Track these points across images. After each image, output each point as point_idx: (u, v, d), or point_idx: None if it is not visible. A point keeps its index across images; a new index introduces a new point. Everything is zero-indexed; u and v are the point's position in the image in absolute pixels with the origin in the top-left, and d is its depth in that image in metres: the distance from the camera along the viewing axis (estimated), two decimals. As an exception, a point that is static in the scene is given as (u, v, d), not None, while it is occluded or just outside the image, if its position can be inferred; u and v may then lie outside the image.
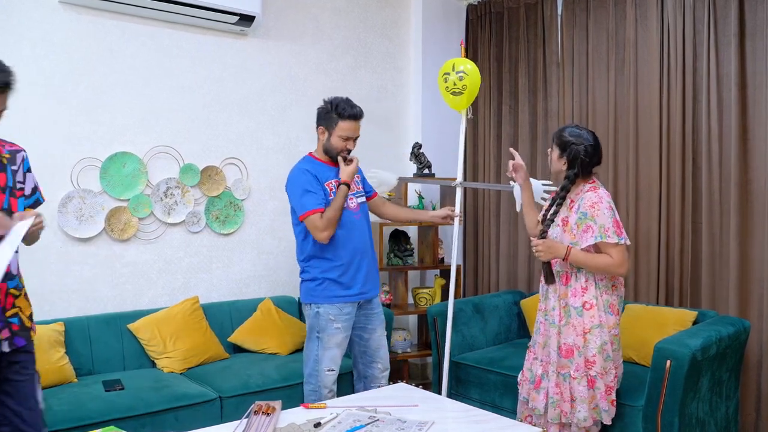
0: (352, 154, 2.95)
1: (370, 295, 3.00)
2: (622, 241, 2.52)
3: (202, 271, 3.81)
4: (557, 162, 2.66)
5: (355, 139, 2.95)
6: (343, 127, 2.88)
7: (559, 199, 2.65)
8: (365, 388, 3.03)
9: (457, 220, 3.22)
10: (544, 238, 2.65)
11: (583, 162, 2.59)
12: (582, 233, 2.56)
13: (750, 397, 3.37)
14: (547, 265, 2.68)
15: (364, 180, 3.17)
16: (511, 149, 2.97)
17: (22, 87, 3.23)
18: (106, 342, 3.33)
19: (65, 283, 3.37)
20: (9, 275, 2.14)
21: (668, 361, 2.71)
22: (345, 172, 2.86)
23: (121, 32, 3.51)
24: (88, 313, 3.41)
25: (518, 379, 2.89)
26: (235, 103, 3.91)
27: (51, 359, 3.00)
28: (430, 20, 4.69)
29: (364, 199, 3.06)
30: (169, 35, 3.66)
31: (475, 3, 4.79)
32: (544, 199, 2.86)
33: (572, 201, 2.65)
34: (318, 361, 2.90)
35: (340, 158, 2.90)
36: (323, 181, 2.89)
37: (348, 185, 2.83)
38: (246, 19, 3.70)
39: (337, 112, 2.87)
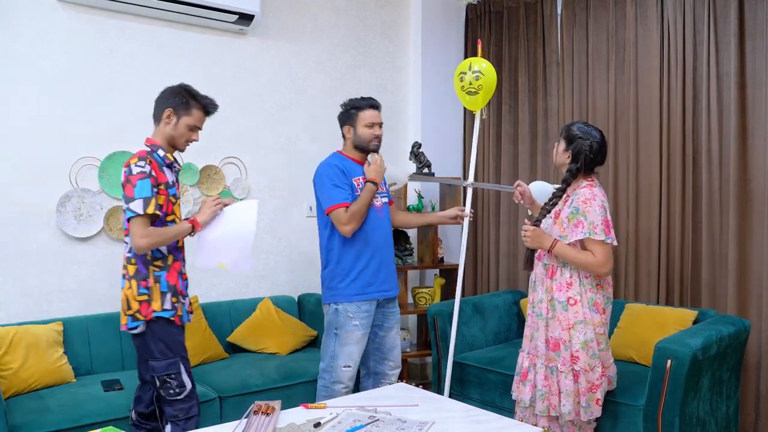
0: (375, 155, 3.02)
1: (389, 294, 3.04)
2: (608, 241, 2.54)
3: (200, 271, 3.79)
4: (562, 155, 2.68)
5: (380, 125, 3.05)
6: (365, 116, 3.00)
7: (560, 192, 2.68)
8: (374, 385, 3.05)
9: (466, 220, 3.21)
10: (537, 226, 2.69)
11: (587, 158, 2.61)
12: (572, 228, 2.58)
13: (750, 397, 3.36)
14: (530, 252, 2.75)
15: (385, 185, 3.20)
16: (518, 184, 2.97)
17: (20, 86, 3.24)
18: (104, 342, 3.32)
19: (64, 283, 3.36)
20: (184, 259, 2.62)
21: (669, 361, 2.71)
22: (371, 171, 2.94)
23: (120, 31, 3.51)
24: (87, 313, 3.40)
25: None
26: (234, 103, 3.90)
27: (49, 359, 3.00)
28: (429, 19, 4.69)
29: (387, 200, 3.12)
30: (168, 34, 3.66)
31: (475, 2, 4.79)
32: None
33: (568, 195, 2.68)
34: (334, 357, 2.94)
35: (367, 160, 3.00)
36: (351, 177, 2.96)
37: (375, 183, 2.91)
38: (245, 18, 3.70)
39: (355, 107, 3.01)
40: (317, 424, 2.14)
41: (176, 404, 2.45)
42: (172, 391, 2.44)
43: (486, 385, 3.45)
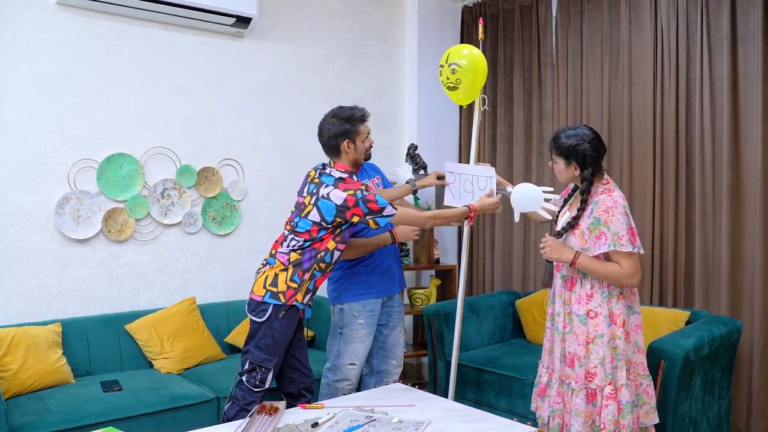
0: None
1: (394, 291, 3.08)
2: (635, 250, 2.38)
3: (199, 272, 3.82)
4: (566, 171, 2.52)
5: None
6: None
7: (582, 204, 2.48)
8: (376, 383, 3.07)
9: (466, 222, 3.12)
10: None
11: (593, 158, 2.45)
12: (594, 240, 2.42)
13: (741, 396, 3.40)
14: (550, 266, 2.60)
15: (384, 180, 3.20)
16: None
17: (18, 88, 3.25)
18: (103, 343, 3.34)
19: (62, 284, 3.38)
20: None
21: (662, 361, 2.74)
22: (403, 230, 3.00)
23: (118, 33, 3.52)
24: (86, 314, 3.42)
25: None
26: (231, 104, 3.92)
27: (48, 360, 3.01)
28: (425, 21, 4.71)
29: None
30: (166, 36, 3.67)
31: (470, 4, 4.82)
32: (545, 209, 2.67)
33: (586, 205, 2.50)
34: (339, 356, 2.97)
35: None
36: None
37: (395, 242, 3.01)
38: (243, 21, 3.72)
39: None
40: (315, 424, 2.17)
41: (246, 391, 2.60)
42: (253, 381, 2.59)
43: (482, 385, 3.48)
